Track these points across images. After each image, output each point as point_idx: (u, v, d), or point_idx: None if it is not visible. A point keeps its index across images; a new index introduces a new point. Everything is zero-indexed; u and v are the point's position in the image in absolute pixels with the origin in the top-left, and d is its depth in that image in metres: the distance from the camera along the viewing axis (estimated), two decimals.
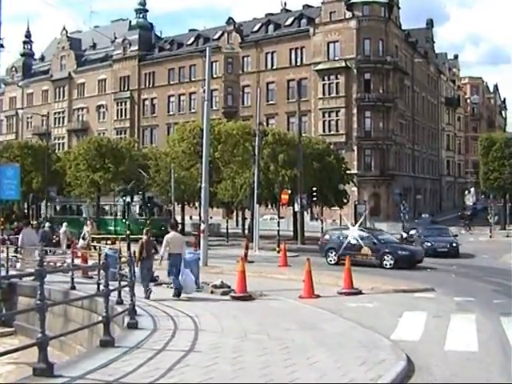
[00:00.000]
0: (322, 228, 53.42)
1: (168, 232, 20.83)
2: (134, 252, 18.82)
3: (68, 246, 35.47)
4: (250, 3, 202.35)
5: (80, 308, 19.86)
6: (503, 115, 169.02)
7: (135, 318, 14.51)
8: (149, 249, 21.02)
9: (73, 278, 22.10)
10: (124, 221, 52.39)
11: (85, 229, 35.45)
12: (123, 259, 18.49)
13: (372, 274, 28.49)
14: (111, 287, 13.93)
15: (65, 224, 41.59)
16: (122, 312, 15.03)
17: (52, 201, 68.22)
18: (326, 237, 37.65)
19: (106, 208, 64.82)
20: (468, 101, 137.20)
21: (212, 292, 20.92)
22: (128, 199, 62.60)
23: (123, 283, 16.17)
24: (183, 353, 11.50)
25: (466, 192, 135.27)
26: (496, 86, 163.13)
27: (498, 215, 71.70)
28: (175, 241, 20.65)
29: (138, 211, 59.75)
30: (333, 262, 34.29)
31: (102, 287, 15.97)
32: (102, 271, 17.62)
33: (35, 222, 48.88)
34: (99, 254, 22.87)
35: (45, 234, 34.28)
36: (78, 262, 28.34)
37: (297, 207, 51.72)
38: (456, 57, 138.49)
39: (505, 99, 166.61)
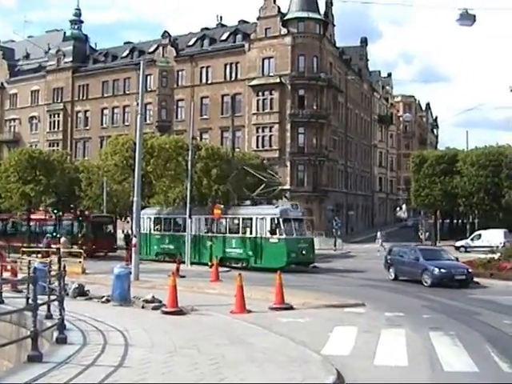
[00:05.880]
0: None
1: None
2: (64, 266, 18.57)
3: None
4: (186, 17, 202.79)
5: (8, 322, 19.50)
6: (435, 133, 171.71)
7: (64, 332, 14.30)
8: None
9: (1, 292, 21.76)
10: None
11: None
12: (53, 273, 18.24)
13: (304, 289, 28.58)
14: (40, 301, 13.75)
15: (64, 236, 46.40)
16: (51, 327, 14.79)
17: None
18: None
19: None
20: (400, 118, 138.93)
21: (143, 307, 20.78)
22: (60, 213, 62.12)
23: (52, 297, 15.97)
24: (112, 368, 11.37)
25: (398, 208, 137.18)
26: (428, 105, 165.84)
27: (429, 232, 72.74)
28: None
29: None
30: None
31: (30, 301, 15.77)
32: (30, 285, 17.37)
33: None
34: (29, 268, 22.54)
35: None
36: (7, 275, 27.99)
37: None
38: (389, 75, 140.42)
39: (436, 117, 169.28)
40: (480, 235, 62.27)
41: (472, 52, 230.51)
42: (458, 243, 63.50)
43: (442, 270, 31.58)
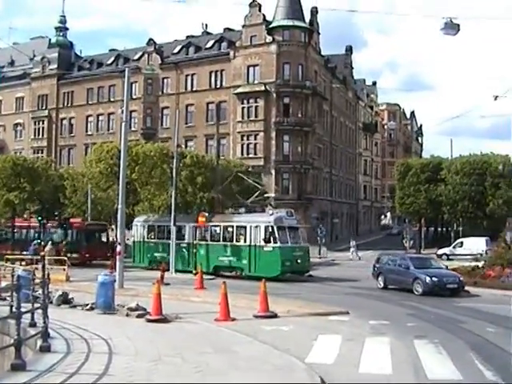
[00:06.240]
0: None
1: None
2: (48, 273, 18.51)
3: None
4: (171, 25, 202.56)
5: None
6: (419, 141, 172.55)
7: (48, 340, 14.23)
8: None
9: None
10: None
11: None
12: (37, 280, 18.15)
13: (288, 297, 28.54)
14: (24, 309, 13.67)
15: (50, 243, 47.12)
16: (35, 335, 14.71)
17: None
18: None
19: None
20: (385, 127, 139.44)
21: (127, 315, 20.68)
22: (44, 220, 61.77)
23: (36, 305, 15.89)
24: (96, 376, 11.31)
25: (383, 216, 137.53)
26: (413, 113, 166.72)
27: (414, 239, 72.89)
28: None
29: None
30: None
31: (14, 309, 15.69)
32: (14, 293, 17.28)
33: None
34: (12, 275, 22.43)
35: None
36: None
37: None
38: (374, 83, 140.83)
39: (421, 125, 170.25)
40: (462, 243, 62.65)
41: (457, 61, 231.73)
42: (440, 251, 63.73)
43: (434, 279, 31.17)
